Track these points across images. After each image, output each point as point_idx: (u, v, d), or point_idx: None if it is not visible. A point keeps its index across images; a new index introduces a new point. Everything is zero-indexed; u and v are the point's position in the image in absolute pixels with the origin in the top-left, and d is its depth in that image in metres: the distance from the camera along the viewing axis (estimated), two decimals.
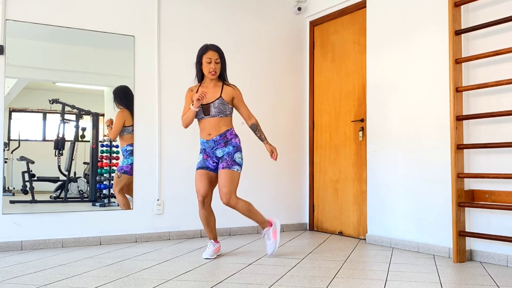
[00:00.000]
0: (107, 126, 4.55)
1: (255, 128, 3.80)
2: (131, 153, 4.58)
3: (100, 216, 4.43)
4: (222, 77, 3.79)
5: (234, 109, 3.82)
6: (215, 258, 3.73)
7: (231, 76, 4.39)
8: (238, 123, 4.79)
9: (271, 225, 3.84)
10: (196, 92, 3.73)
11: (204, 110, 3.69)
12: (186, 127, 3.76)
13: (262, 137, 3.81)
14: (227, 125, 3.73)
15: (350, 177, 4.92)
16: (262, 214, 3.87)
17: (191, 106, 3.64)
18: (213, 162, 3.74)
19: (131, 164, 4.58)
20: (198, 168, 3.75)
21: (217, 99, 3.68)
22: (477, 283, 2.94)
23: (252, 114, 3.84)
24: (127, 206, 4.54)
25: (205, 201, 3.72)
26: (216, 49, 3.72)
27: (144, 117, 4.66)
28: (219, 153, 3.71)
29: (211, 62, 3.68)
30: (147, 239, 4.59)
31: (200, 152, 3.79)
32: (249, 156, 5.07)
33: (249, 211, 3.73)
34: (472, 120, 3.72)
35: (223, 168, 3.66)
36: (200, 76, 3.79)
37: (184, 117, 3.73)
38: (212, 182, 3.76)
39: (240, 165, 3.70)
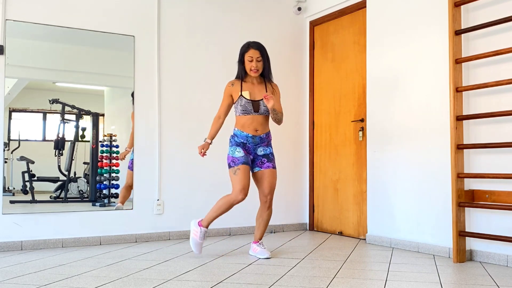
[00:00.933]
0: (122, 158, 4.60)
1: (275, 112, 3.68)
2: (133, 149, 4.61)
3: (100, 216, 4.43)
4: (268, 74, 3.79)
5: None
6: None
7: (231, 76, 4.39)
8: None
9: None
10: (241, 87, 3.71)
11: (254, 106, 3.68)
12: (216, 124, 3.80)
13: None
14: (268, 125, 3.80)
15: (350, 177, 4.92)
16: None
17: (201, 151, 3.68)
18: (250, 159, 3.75)
19: (132, 159, 4.60)
20: (244, 163, 3.66)
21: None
22: (477, 283, 2.94)
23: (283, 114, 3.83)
24: (124, 201, 4.54)
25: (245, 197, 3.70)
26: (258, 47, 3.70)
27: (144, 117, 4.66)
28: (260, 151, 3.73)
29: (252, 61, 3.68)
30: (147, 239, 4.59)
31: (238, 146, 3.70)
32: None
33: (269, 219, 3.84)
34: (472, 120, 3.72)
35: (272, 167, 3.76)
36: (243, 74, 3.77)
37: (217, 121, 3.75)
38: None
39: None
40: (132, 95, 4.61)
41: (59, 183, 4.52)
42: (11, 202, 4.20)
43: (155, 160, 4.69)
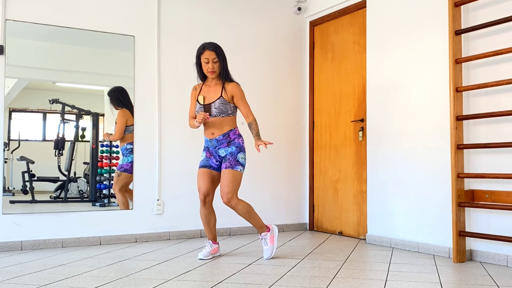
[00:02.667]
0: (107, 138, 4.56)
1: (250, 126, 3.73)
2: (131, 151, 4.58)
3: (100, 216, 4.43)
4: (224, 75, 3.74)
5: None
6: (211, 259, 3.69)
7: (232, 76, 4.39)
8: (239, 122, 4.80)
9: (269, 230, 3.78)
10: (200, 91, 3.74)
11: (205, 110, 3.68)
12: (192, 128, 3.83)
13: (253, 134, 3.71)
14: (230, 124, 3.71)
15: (350, 177, 4.92)
16: (261, 218, 3.85)
17: (195, 122, 3.67)
18: (216, 161, 3.73)
19: (131, 162, 4.58)
20: (201, 166, 3.76)
21: (218, 99, 3.67)
22: (477, 283, 2.94)
23: (251, 113, 3.73)
24: (126, 205, 4.54)
25: (207, 199, 3.72)
26: (214, 48, 3.68)
27: (144, 117, 4.66)
28: (222, 152, 3.70)
29: (208, 62, 3.67)
30: (147, 239, 4.59)
31: (204, 150, 3.79)
32: (249, 156, 5.07)
33: (248, 213, 3.69)
34: (472, 120, 3.72)
35: (226, 168, 3.64)
36: (201, 75, 3.78)
37: (190, 123, 3.78)
38: (214, 181, 3.75)
39: (243, 165, 3.68)
40: (108, 94, 4.57)
41: (59, 183, 4.52)
42: (11, 202, 4.20)
43: (155, 160, 4.69)
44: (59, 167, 4.52)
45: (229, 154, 3.67)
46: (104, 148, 4.61)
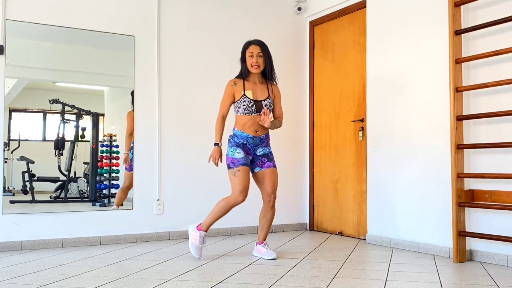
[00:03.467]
0: (127, 164, 4.60)
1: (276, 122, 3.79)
2: (131, 149, 4.61)
3: (100, 216, 4.43)
4: (269, 74, 3.76)
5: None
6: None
7: (231, 76, 4.39)
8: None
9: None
10: (244, 87, 3.69)
11: (256, 106, 3.66)
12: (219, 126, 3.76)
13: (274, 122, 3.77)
14: None
15: (350, 177, 4.92)
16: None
17: (217, 160, 3.65)
18: (249, 160, 3.74)
19: (130, 159, 4.59)
20: (244, 164, 3.63)
21: (268, 98, 3.69)
22: (477, 283, 2.94)
23: (282, 116, 3.89)
24: (119, 203, 4.53)
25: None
26: (259, 43, 3.71)
27: (144, 117, 4.66)
28: (259, 151, 3.71)
29: (253, 56, 3.67)
30: (147, 239, 4.59)
31: (237, 146, 3.67)
32: None
33: (273, 219, 3.82)
34: (472, 120, 3.72)
35: (274, 166, 3.76)
36: (245, 73, 3.74)
37: (217, 129, 3.69)
38: None
39: None
40: (132, 94, 4.61)
41: (59, 183, 4.52)
42: (11, 202, 4.20)
43: (155, 160, 4.69)
44: (59, 167, 4.52)
45: (270, 154, 3.77)
46: (104, 148, 4.61)
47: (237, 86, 3.71)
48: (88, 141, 4.60)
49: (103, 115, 4.63)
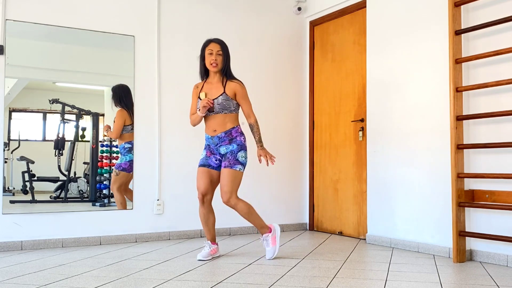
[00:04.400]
0: (106, 131, 4.56)
1: (251, 128, 3.72)
2: (129, 150, 4.58)
3: (100, 216, 4.43)
4: (226, 72, 3.73)
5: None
6: (210, 260, 3.67)
7: None
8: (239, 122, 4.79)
9: (270, 231, 3.77)
10: (201, 88, 3.72)
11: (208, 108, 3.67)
12: (194, 126, 3.81)
13: (256, 139, 3.71)
14: (233, 122, 3.68)
15: (350, 177, 4.92)
16: (262, 219, 3.82)
17: (197, 112, 3.64)
18: (216, 160, 3.70)
19: (130, 161, 4.58)
20: (200, 165, 3.73)
21: (221, 95, 3.64)
22: (477, 283, 2.94)
23: (253, 113, 3.72)
24: (124, 205, 4.53)
25: (205, 199, 3.71)
26: (218, 42, 3.70)
27: (144, 117, 4.66)
28: (222, 150, 3.67)
29: (212, 54, 3.66)
30: (147, 239, 4.59)
31: (204, 148, 3.76)
32: (249, 156, 5.06)
33: (249, 213, 3.69)
34: (472, 120, 3.72)
35: (225, 167, 3.62)
36: (204, 72, 3.76)
37: (192, 118, 3.77)
38: (214, 181, 3.72)
39: (243, 164, 3.65)
40: (112, 89, 4.56)
41: (59, 183, 4.52)
42: (11, 202, 4.20)
43: (155, 160, 4.69)
44: (59, 167, 4.52)
45: (229, 153, 3.64)
46: (104, 148, 4.61)
47: (198, 88, 3.77)
48: (88, 141, 4.60)
49: (103, 115, 4.62)
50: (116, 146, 4.63)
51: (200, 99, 3.66)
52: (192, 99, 3.81)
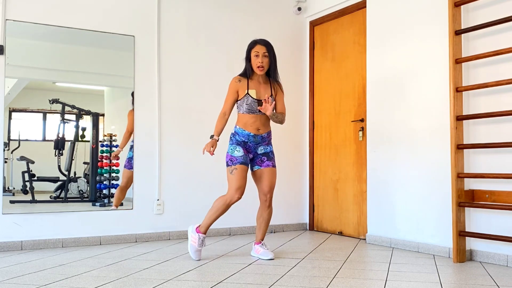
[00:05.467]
0: (113, 157, 4.59)
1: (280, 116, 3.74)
2: (130, 148, 4.60)
3: (100, 216, 4.43)
4: (273, 73, 3.73)
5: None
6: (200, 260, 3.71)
7: (231, 76, 4.39)
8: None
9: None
10: (247, 86, 3.65)
11: (259, 105, 3.64)
12: (226, 119, 3.69)
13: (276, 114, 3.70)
14: (270, 124, 3.78)
15: (350, 177, 4.92)
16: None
17: (210, 149, 3.54)
18: (248, 158, 3.72)
19: (129, 158, 4.59)
20: (242, 163, 3.61)
21: (270, 96, 3.65)
22: (477, 283, 2.94)
23: (285, 110, 3.84)
24: (118, 204, 4.52)
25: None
26: (265, 43, 3.67)
27: (144, 117, 4.66)
28: (260, 150, 3.70)
29: (258, 56, 3.64)
30: (147, 239, 4.59)
31: (238, 144, 3.65)
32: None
33: (270, 218, 3.83)
34: (472, 120, 3.72)
35: (273, 166, 3.74)
36: (249, 72, 3.71)
37: (217, 124, 3.66)
38: None
39: None
40: (132, 94, 4.61)
41: (59, 183, 4.52)
42: (11, 202, 4.20)
43: (155, 160, 4.69)
44: (59, 167, 4.52)
45: (270, 153, 3.75)
46: (104, 148, 4.61)
47: (241, 83, 3.69)
48: (88, 141, 4.60)
49: (103, 115, 4.62)
50: (117, 146, 4.63)
51: (251, 96, 3.62)
52: (229, 90, 3.68)
